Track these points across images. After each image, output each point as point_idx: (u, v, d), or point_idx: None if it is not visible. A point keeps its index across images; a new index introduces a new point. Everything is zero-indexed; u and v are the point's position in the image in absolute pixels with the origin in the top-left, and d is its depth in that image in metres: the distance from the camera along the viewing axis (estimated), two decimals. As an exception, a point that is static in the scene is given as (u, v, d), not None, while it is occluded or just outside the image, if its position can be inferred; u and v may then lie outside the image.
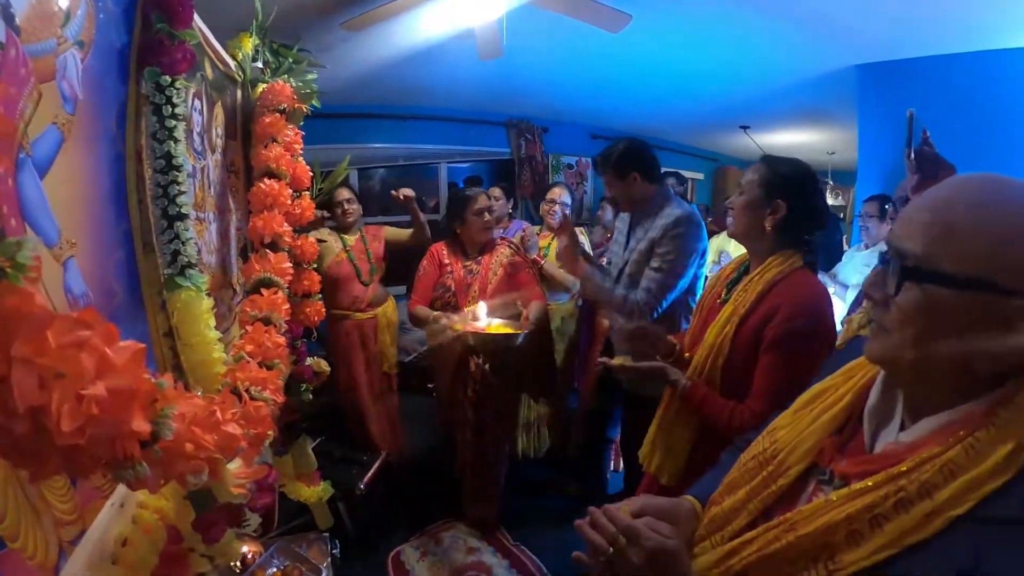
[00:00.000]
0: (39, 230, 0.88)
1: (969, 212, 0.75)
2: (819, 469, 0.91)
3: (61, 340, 0.53)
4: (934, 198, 0.80)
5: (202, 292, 1.33)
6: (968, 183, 0.79)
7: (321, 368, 2.56)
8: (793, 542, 0.83)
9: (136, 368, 0.63)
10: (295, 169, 2.13)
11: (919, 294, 0.77)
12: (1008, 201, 0.75)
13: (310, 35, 3.43)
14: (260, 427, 1.26)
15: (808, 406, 1.00)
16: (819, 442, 0.93)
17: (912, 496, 0.74)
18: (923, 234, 0.77)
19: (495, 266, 3.25)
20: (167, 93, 1.26)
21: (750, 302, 1.77)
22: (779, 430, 1.01)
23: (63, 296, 0.95)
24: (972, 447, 0.73)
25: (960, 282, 0.74)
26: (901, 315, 0.79)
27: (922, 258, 0.77)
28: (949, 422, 0.78)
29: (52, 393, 0.52)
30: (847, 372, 0.99)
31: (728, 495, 1.01)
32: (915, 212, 0.81)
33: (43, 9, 0.90)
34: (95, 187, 1.11)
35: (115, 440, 0.61)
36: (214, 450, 0.84)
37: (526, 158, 6.89)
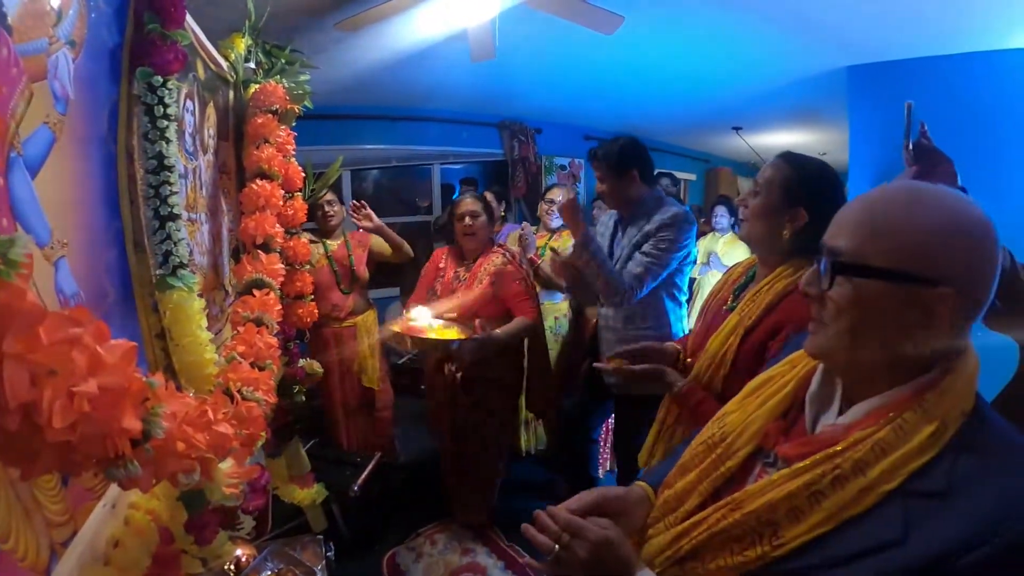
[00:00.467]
0: (30, 230, 0.87)
1: (893, 213, 0.83)
2: (764, 452, 0.98)
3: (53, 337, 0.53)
4: (863, 201, 0.88)
5: (194, 293, 1.32)
6: (893, 189, 0.87)
7: (314, 370, 2.56)
8: (739, 520, 0.89)
9: (127, 366, 0.63)
10: (287, 170, 2.13)
11: (850, 288, 0.84)
12: (927, 204, 0.83)
13: (303, 35, 3.44)
14: (252, 427, 1.26)
15: (755, 393, 1.06)
16: (764, 426, 0.99)
17: (847, 473, 0.81)
18: (853, 233, 0.85)
19: (482, 275, 3.10)
20: (159, 93, 1.26)
21: (756, 314, 1.68)
22: (728, 415, 1.07)
23: (54, 296, 0.94)
24: (900, 427, 0.81)
25: (886, 274, 0.81)
26: (835, 308, 0.86)
27: (852, 254, 0.84)
28: (881, 405, 0.85)
29: (44, 390, 0.52)
30: (791, 361, 1.06)
31: (680, 477, 1.06)
32: (847, 214, 0.89)
33: (35, 8, 0.90)
34: (87, 187, 1.11)
35: (106, 437, 0.62)
36: (206, 449, 0.84)
37: (519, 159, 6.89)
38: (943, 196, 0.84)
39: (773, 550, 0.85)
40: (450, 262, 3.27)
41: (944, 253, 0.80)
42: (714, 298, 1.97)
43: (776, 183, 1.67)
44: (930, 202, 0.83)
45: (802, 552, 0.83)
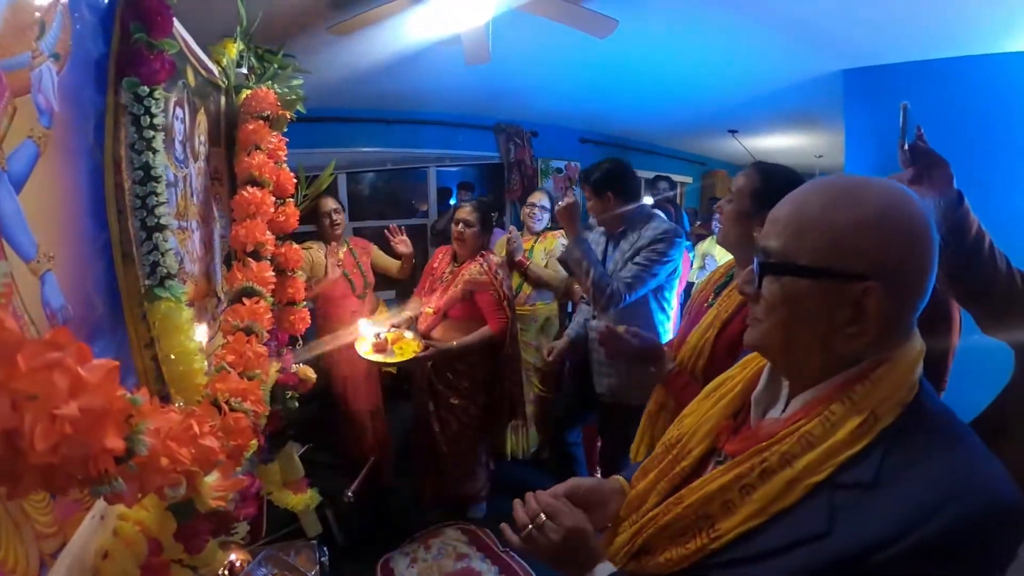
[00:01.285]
0: (16, 245, 0.87)
1: (819, 209, 0.84)
2: (717, 451, 1.00)
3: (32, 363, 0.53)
4: (793, 199, 0.89)
5: (182, 303, 1.32)
6: (821, 184, 0.88)
7: (307, 376, 2.55)
8: (681, 513, 0.92)
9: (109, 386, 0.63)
10: (278, 176, 2.13)
11: (778, 287, 0.86)
12: (852, 197, 0.83)
13: (296, 39, 3.42)
14: (240, 439, 1.26)
15: (710, 395, 1.09)
16: (716, 426, 1.02)
17: (774, 466, 0.83)
18: (781, 231, 0.87)
19: (460, 279, 3.32)
20: (145, 103, 1.26)
21: (732, 308, 1.85)
22: (686, 417, 1.10)
23: (41, 310, 0.94)
24: (828, 419, 0.82)
25: (809, 271, 0.83)
26: (767, 306, 0.88)
27: (779, 254, 0.86)
28: (813, 399, 0.87)
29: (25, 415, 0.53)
30: (743, 363, 1.09)
31: (642, 478, 1.09)
32: (777, 212, 0.90)
33: (16, 22, 0.90)
34: (73, 199, 1.11)
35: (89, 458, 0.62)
36: (191, 463, 0.84)
37: (515, 162, 6.88)
38: (871, 188, 0.84)
39: (711, 542, 0.87)
40: (444, 261, 3.53)
41: (868, 247, 0.80)
42: (698, 296, 2.14)
43: (747, 191, 1.86)
44: (856, 195, 0.83)
45: (737, 544, 0.85)
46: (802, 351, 0.87)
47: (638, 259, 2.67)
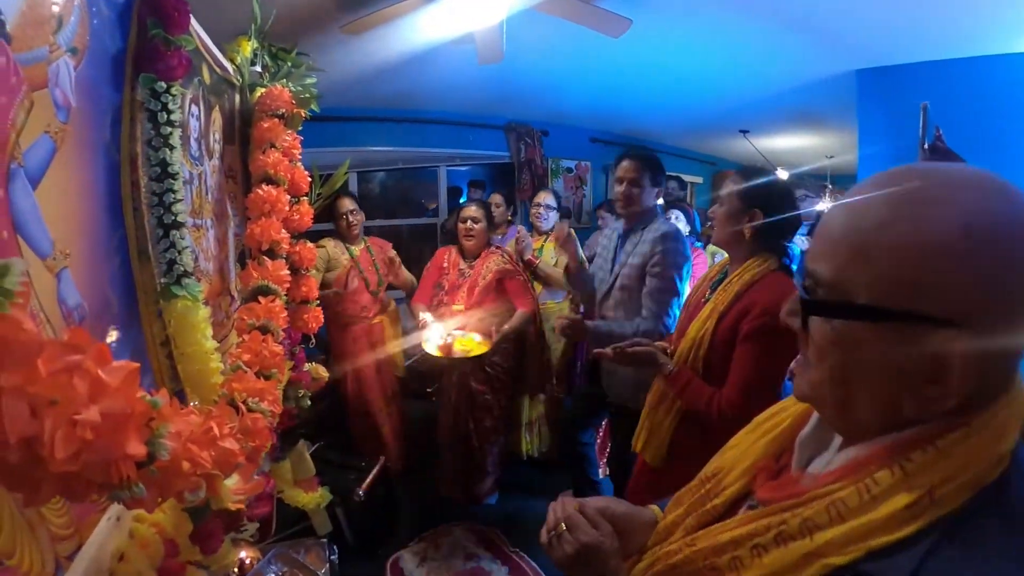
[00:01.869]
0: (32, 242, 0.86)
1: (884, 224, 0.62)
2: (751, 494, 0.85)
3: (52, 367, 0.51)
4: (850, 207, 0.66)
5: (199, 301, 1.31)
6: (887, 182, 0.65)
7: (319, 374, 2.55)
8: (689, 556, 0.80)
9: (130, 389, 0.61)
10: (293, 175, 2.12)
11: (827, 329, 0.66)
12: (934, 206, 0.60)
13: (308, 38, 3.42)
14: (258, 440, 1.25)
15: (759, 427, 0.94)
16: (754, 465, 0.87)
17: (793, 532, 0.67)
18: (832, 253, 0.65)
19: (485, 272, 3.46)
20: (162, 99, 1.25)
21: (729, 300, 1.93)
22: (730, 449, 0.96)
23: (57, 308, 0.93)
24: (868, 489, 0.63)
25: (872, 313, 0.62)
26: (816, 350, 0.69)
27: (831, 285, 0.65)
28: (858, 457, 0.68)
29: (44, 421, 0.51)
30: None
31: (675, 508, 0.98)
32: (826, 225, 0.69)
33: (34, 16, 0.89)
34: (89, 196, 1.10)
35: (110, 464, 0.60)
36: (211, 467, 0.83)
37: (525, 161, 6.87)
38: (959, 191, 0.61)
39: None
40: (453, 260, 3.61)
41: (954, 280, 0.57)
42: (695, 293, 2.23)
43: (733, 193, 1.99)
44: (938, 203, 0.60)
45: None
46: (861, 408, 0.67)
47: (649, 283, 2.62)
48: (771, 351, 1.79)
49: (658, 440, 2.09)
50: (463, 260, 3.59)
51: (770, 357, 1.79)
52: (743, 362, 1.88)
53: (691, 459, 1.96)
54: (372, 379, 3.89)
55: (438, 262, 3.68)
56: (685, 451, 2.01)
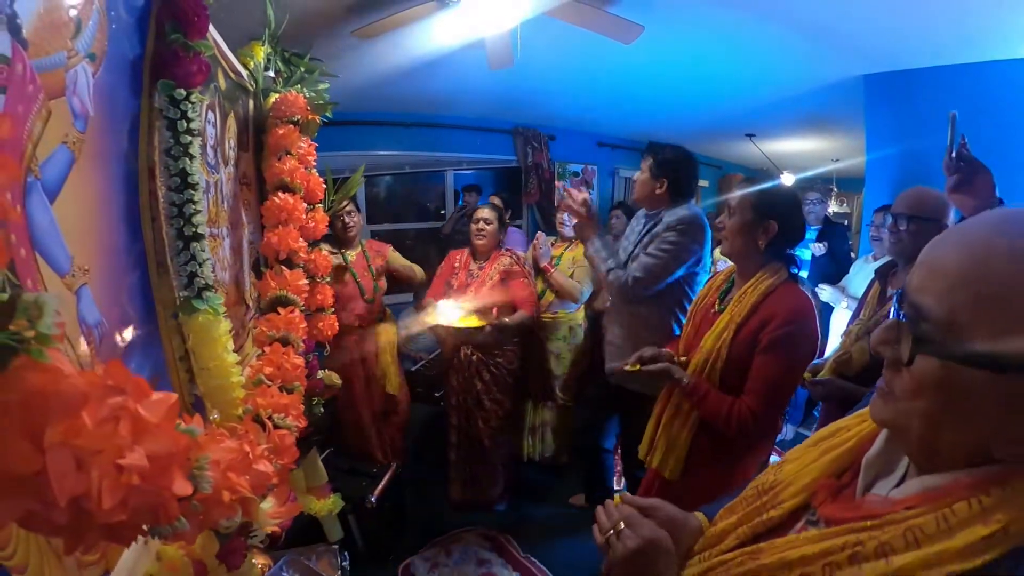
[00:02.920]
0: (50, 259, 0.82)
1: (1010, 270, 0.61)
2: (812, 509, 0.86)
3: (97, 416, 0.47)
4: (968, 244, 0.65)
5: (220, 315, 1.27)
6: (1007, 227, 0.64)
7: (332, 381, 2.52)
8: (753, 569, 0.81)
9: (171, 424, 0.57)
10: (309, 182, 2.08)
11: (937, 368, 0.65)
12: None
13: (319, 42, 3.39)
14: (286, 457, 1.21)
15: (819, 443, 0.93)
16: (815, 481, 0.87)
17: (868, 553, 0.68)
18: (948, 291, 0.64)
19: (492, 273, 3.54)
20: (182, 107, 1.21)
21: (745, 312, 1.92)
22: (788, 463, 0.96)
23: (77, 327, 0.89)
24: (945, 519, 0.64)
25: (991, 362, 0.60)
26: (914, 386, 0.68)
27: (945, 326, 0.64)
28: (935, 487, 0.69)
29: (91, 472, 0.46)
30: (861, 415, 0.90)
31: (725, 517, 1.00)
32: (943, 259, 0.67)
33: (52, 20, 0.84)
34: (108, 208, 1.06)
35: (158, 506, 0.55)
36: (249, 492, 0.79)
37: (533, 166, 6.86)
38: None
39: None
40: (464, 262, 3.68)
41: None
42: (701, 303, 2.21)
43: (748, 203, 1.99)
44: None
45: None
46: (945, 446, 0.68)
47: (650, 249, 2.63)
48: (791, 361, 1.88)
49: (676, 454, 2.09)
50: (474, 261, 3.66)
51: (790, 367, 1.89)
52: (764, 371, 1.88)
53: (707, 471, 2.00)
54: (361, 395, 3.70)
55: (451, 262, 3.74)
56: (701, 464, 2.05)
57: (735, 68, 4.68)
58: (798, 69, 4.61)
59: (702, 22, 3.75)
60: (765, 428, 1.98)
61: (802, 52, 4.18)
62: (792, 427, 4.71)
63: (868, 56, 4.25)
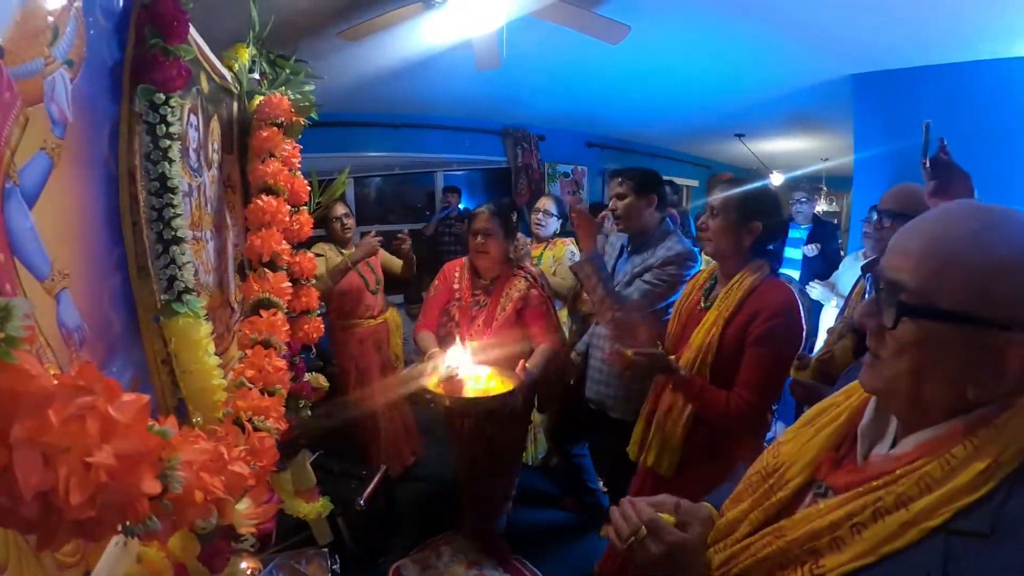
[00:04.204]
0: (29, 264, 0.83)
1: (962, 246, 0.77)
2: (817, 483, 0.95)
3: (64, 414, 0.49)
4: (929, 229, 0.82)
5: (200, 318, 1.27)
6: (962, 215, 0.81)
7: (319, 384, 2.52)
8: (783, 547, 0.89)
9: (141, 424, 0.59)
10: (293, 184, 2.08)
11: (915, 328, 0.80)
12: (998, 233, 0.77)
13: (306, 43, 3.41)
14: (265, 459, 1.22)
15: (811, 422, 1.03)
16: (817, 457, 0.96)
17: (889, 506, 0.79)
18: (918, 267, 0.80)
19: (505, 300, 2.84)
20: (161, 112, 1.21)
21: (732, 307, 1.99)
22: (783, 444, 1.04)
23: (57, 331, 0.90)
24: (948, 463, 0.77)
25: (956, 317, 0.76)
26: (897, 347, 0.82)
27: (918, 293, 0.79)
28: (932, 438, 0.82)
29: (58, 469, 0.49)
30: (847, 391, 1.02)
31: (734, 505, 1.06)
32: (908, 243, 0.83)
33: (28, 27, 0.85)
34: (88, 213, 1.06)
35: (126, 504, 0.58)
36: (223, 493, 0.80)
37: (522, 166, 6.89)
38: (1018, 223, 0.78)
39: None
40: (465, 282, 2.96)
41: (1017, 293, 0.74)
42: (685, 301, 2.28)
43: (732, 204, 2.05)
44: (1005, 231, 0.77)
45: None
46: (928, 397, 0.81)
47: (647, 277, 2.66)
48: (780, 352, 1.97)
49: (671, 451, 2.13)
50: (477, 281, 2.94)
51: (779, 358, 1.98)
52: (755, 363, 1.95)
53: (702, 467, 2.04)
54: (376, 381, 3.88)
55: (447, 281, 3.02)
56: (696, 459, 2.09)
57: (723, 68, 4.73)
58: (786, 69, 4.66)
59: (690, 22, 3.79)
60: (758, 420, 2.04)
61: (790, 52, 4.24)
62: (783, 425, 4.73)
63: (856, 56, 4.31)
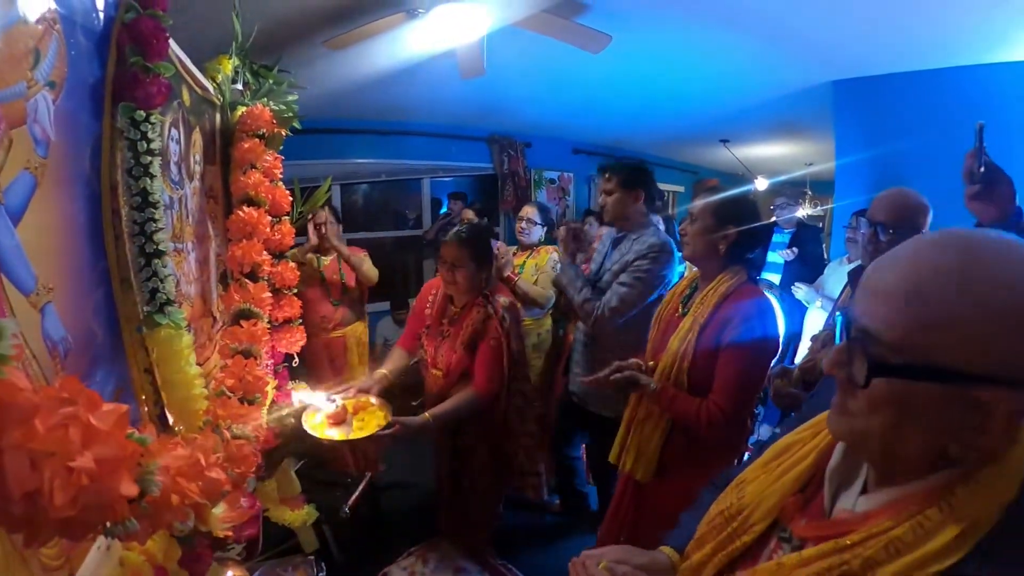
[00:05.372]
0: (15, 279, 0.86)
1: (948, 292, 0.67)
2: (781, 526, 0.90)
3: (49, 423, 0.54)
4: (906, 270, 0.72)
5: (182, 329, 1.30)
6: (944, 254, 0.70)
7: (303, 392, 2.54)
8: None
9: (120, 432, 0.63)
10: (274, 195, 2.12)
11: (889, 388, 0.71)
12: (991, 275, 0.67)
13: (291, 52, 3.43)
14: (243, 466, 1.26)
15: (776, 459, 0.97)
16: (782, 499, 0.91)
17: (855, 571, 0.72)
18: (894, 316, 0.70)
19: (465, 330, 2.67)
20: (142, 128, 1.24)
21: (708, 312, 2.02)
22: (747, 484, 0.99)
23: (42, 343, 0.93)
24: (921, 525, 0.70)
25: (939, 375, 0.67)
26: (869, 405, 0.74)
27: (896, 349, 0.69)
28: (904, 495, 0.75)
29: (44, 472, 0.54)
30: (814, 426, 0.95)
31: (697, 549, 1.02)
32: (883, 285, 0.73)
33: (11, 52, 0.88)
34: (71, 228, 1.10)
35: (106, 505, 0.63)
36: (199, 497, 0.84)
37: (509, 173, 6.92)
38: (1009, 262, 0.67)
39: None
40: (437, 307, 2.84)
41: (1007, 346, 0.65)
42: (665, 308, 2.30)
43: (709, 210, 2.09)
44: (995, 272, 0.67)
45: None
46: (903, 453, 0.74)
47: (623, 278, 2.70)
48: (753, 357, 1.98)
49: (647, 457, 2.15)
50: (449, 307, 2.80)
51: (753, 363, 1.98)
52: (729, 369, 1.96)
53: (680, 473, 2.08)
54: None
55: (423, 303, 2.90)
56: (674, 466, 2.12)
57: (705, 75, 4.76)
58: (768, 75, 4.70)
59: (673, 31, 3.83)
60: (735, 427, 2.07)
61: (771, 58, 4.27)
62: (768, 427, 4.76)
63: (836, 62, 4.34)
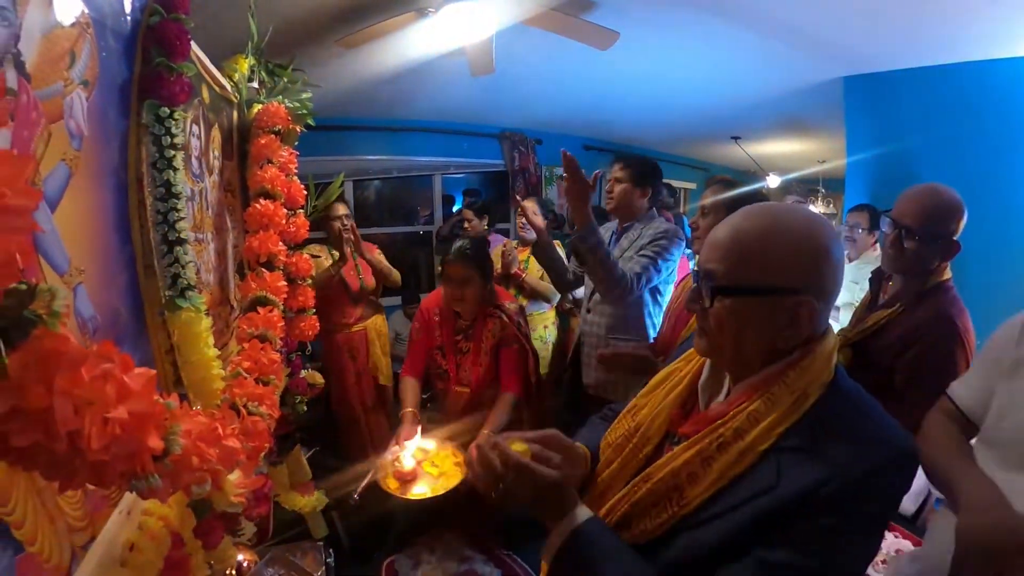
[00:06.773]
0: (51, 261, 0.94)
1: (757, 238, 1.01)
2: (671, 434, 1.16)
3: (91, 374, 0.62)
4: (730, 229, 1.05)
5: (201, 312, 1.39)
6: (753, 215, 1.04)
7: (315, 380, 2.61)
8: (651, 488, 1.06)
9: (149, 392, 0.71)
10: (289, 189, 2.19)
11: (727, 304, 1.03)
12: (783, 225, 1.01)
13: (305, 51, 3.50)
14: (257, 441, 1.33)
15: (660, 386, 1.25)
16: (670, 414, 1.17)
17: (729, 439, 1.00)
18: (724, 258, 1.03)
19: (485, 343, 2.77)
20: (166, 124, 1.33)
21: None
22: (640, 409, 1.24)
23: (74, 320, 1.01)
24: (770, 399, 1.00)
25: (755, 291, 1.01)
26: (716, 321, 1.05)
27: (725, 277, 1.02)
28: (755, 382, 1.04)
29: (84, 418, 0.61)
30: (687, 357, 1.24)
31: (606, 467, 1.23)
32: (717, 240, 1.05)
33: (50, 54, 0.97)
34: (101, 216, 1.18)
35: (134, 455, 0.70)
36: (217, 462, 0.92)
37: (519, 169, 6.95)
38: (795, 217, 1.03)
39: (681, 509, 1.02)
40: (446, 327, 2.86)
41: (800, 267, 0.99)
42: (675, 304, 2.35)
43: (721, 204, 2.14)
44: (785, 224, 1.01)
45: (703, 508, 1.00)
46: (747, 353, 1.05)
47: (645, 251, 2.73)
48: None
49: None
50: (457, 322, 2.85)
51: None
52: None
53: None
54: (352, 389, 3.93)
55: (428, 324, 2.90)
56: None
57: (718, 72, 4.78)
58: (778, 72, 4.71)
59: (681, 27, 3.86)
60: None
61: (783, 55, 4.28)
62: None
63: (847, 58, 4.35)
